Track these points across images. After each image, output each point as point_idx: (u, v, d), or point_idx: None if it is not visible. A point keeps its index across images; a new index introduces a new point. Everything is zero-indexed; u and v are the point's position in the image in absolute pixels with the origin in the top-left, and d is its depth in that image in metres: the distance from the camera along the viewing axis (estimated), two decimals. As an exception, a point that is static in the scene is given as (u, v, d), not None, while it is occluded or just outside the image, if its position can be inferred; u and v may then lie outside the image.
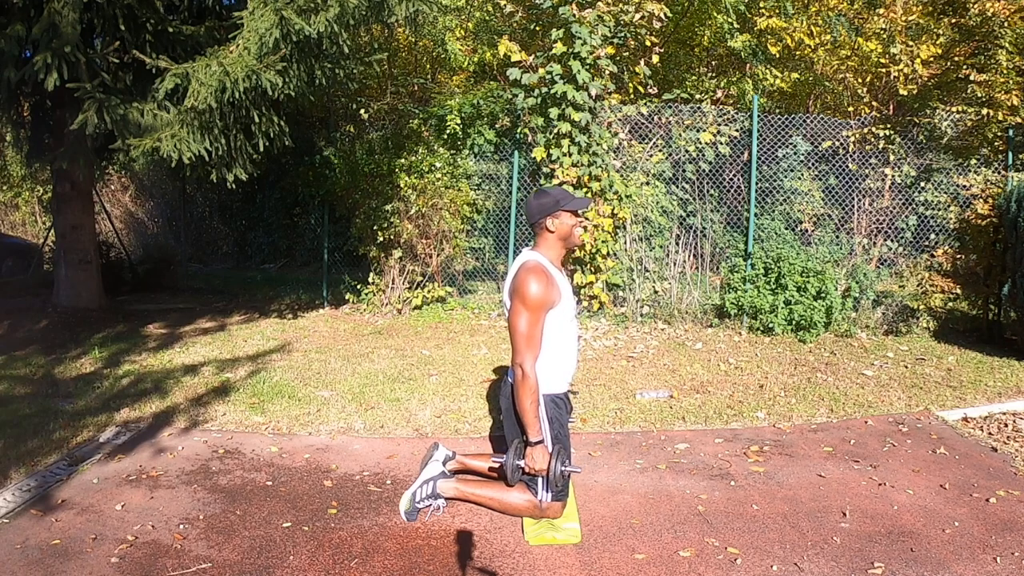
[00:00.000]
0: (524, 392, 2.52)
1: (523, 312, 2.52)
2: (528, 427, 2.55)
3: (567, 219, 2.70)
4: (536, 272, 2.58)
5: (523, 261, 2.67)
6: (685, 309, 6.51)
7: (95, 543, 2.55)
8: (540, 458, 2.56)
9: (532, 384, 2.53)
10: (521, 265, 2.65)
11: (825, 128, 7.41)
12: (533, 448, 2.56)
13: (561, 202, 2.68)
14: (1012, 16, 7.34)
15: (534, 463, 2.57)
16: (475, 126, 7.51)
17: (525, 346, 2.52)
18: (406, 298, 7.02)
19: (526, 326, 2.52)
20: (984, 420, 4.07)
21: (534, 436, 2.56)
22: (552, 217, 2.68)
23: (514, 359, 2.54)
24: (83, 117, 4.92)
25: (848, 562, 2.49)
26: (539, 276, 2.56)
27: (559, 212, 2.68)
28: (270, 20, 4.85)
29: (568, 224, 2.70)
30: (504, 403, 2.79)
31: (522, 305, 2.53)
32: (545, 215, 2.68)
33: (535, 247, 2.76)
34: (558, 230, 2.69)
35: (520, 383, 2.51)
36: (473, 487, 2.85)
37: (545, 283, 2.56)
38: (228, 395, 4.34)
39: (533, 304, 2.53)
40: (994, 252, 5.91)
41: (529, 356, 2.53)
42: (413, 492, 2.81)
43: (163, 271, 8.94)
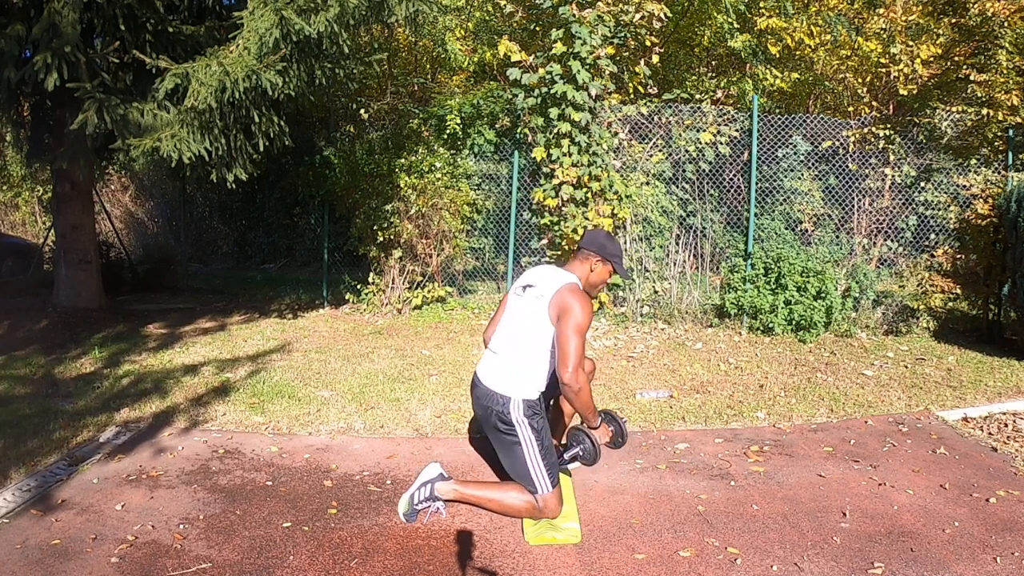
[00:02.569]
0: (587, 399, 2.73)
1: (576, 324, 2.66)
2: (592, 419, 2.83)
3: (607, 273, 2.95)
4: (582, 292, 2.78)
5: (564, 282, 2.79)
6: (685, 309, 6.51)
7: (95, 543, 2.55)
8: (604, 434, 2.91)
9: (588, 391, 2.74)
10: (564, 285, 2.77)
11: (825, 128, 7.41)
12: (598, 430, 2.86)
13: (615, 259, 2.93)
14: (1012, 16, 7.34)
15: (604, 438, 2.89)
16: (475, 126, 7.50)
17: (578, 354, 2.64)
18: (406, 298, 7.02)
19: (579, 337, 2.66)
20: (984, 420, 4.07)
21: (595, 421, 2.85)
22: (602, 262, 2.92)
23: (568, 368, 2.63)
24: (83, 117, 4.92)
25: (848, 562, 2.49)
26: (584, 296, 2.76)
27: (609, 264, 2.93)
28: (270, 20, 4.85)
29: (604, 276, 2.95)
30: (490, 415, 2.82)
31: (576, 320, 2.67)
32: (600, 255, 2.91)
33: (570, 268, 2.93)
34: (596, 274, 2.93)
35: (580, 392, 2.67)
36: (472, 488, 2.85)
37: (590, 303, 2.77)
38: (228, 395, 4.34)
39: (584, 318, 2.69)
40: (994, 252, 5.91)
41: (580, 363, 2.66)
42: (411, 494, 2.82)
43: (163, 271, 8.94)
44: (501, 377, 2.81)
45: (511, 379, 2.80)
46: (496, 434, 2.83)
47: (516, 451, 2.76)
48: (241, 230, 12.45)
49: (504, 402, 2.77)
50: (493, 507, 2.81)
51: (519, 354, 2.80)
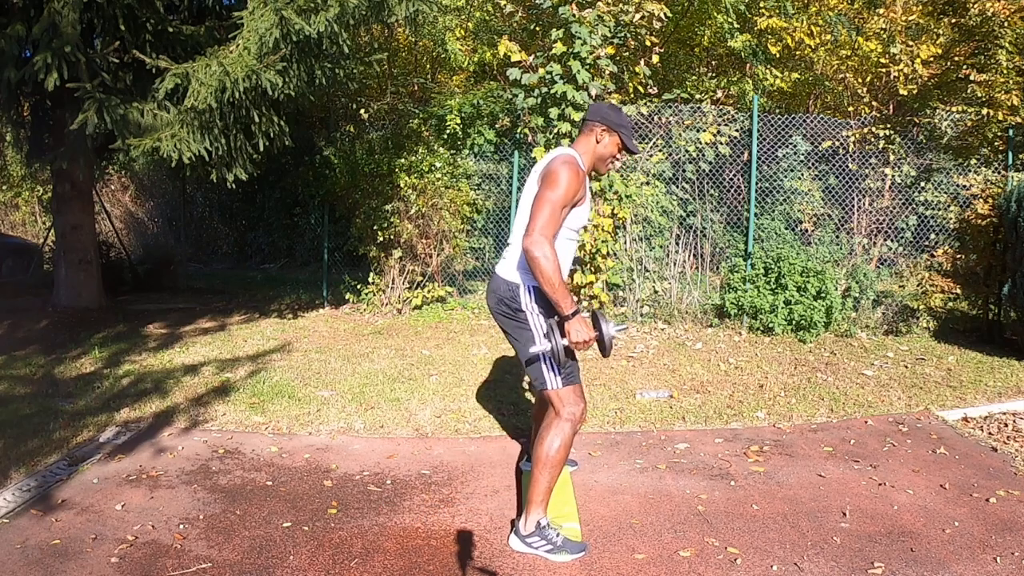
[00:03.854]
0: (549, 263, 2.36)
1: (555, 191, 2.43)
2: (561, 301, 2.40)
3: (614, 145, 2.66)
4: (573, 164, 2.51)
5: (560, 152, 2.59)
6: (685, 309, 6.51)
7: (95, 543, 2.55)
8: (583, 328, 2.42)
9: (554, 255, 2.38)
10: (557, 155, 2.56)
11: (825, 128, 7.41)
12: (573, 320, 2.41)
13: (623, 129, 2.64)
14: (1012, 16, 7.34)
15: (580, 334, 2.41)
16: (475, 126, 7.51)
17: (547, 222, 2.40)
18: (406, 298, 7.02)
19: (552, 207, 2.41)
20: (984, 420, 4.07)
21: (569, 308, 2.41)
22: (607, 131, 2.64)
23: (532, 232, 2.38)
24: (83, 117, 4.92)
25: (848, 562, 2.49)
26: (575, 168, 2.49)
27: (615, 133, 2.64)
28: (270, 20, 4.85)
29: (612, 148, 2.66)
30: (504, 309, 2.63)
31: (555, 186, 2.44)
32: (604, 123, 2.63)
33: (574, 144, 2.69)
34: (602, 145, 2.65)
35: (543, 255, 2.35)
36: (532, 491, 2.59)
37: (580, 176, 2.50)
38: (228, 395, 4.34)
39: (566, 188, 2.44)
40: (994, 252, 5.91)
41: (549, 232, 2.41)
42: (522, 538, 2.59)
43: (163, 271, 8.94)
44: (511, 265, 2.65)
45: (519, 265, 2.61)
46: (508, 323, 2.64)
47: (528, 337, 2.57)
48: (241, 230, 12.44)
49: (513, 288, 2.61)
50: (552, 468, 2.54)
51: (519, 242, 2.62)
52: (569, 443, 2.55)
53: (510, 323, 2.64)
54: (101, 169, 8.59)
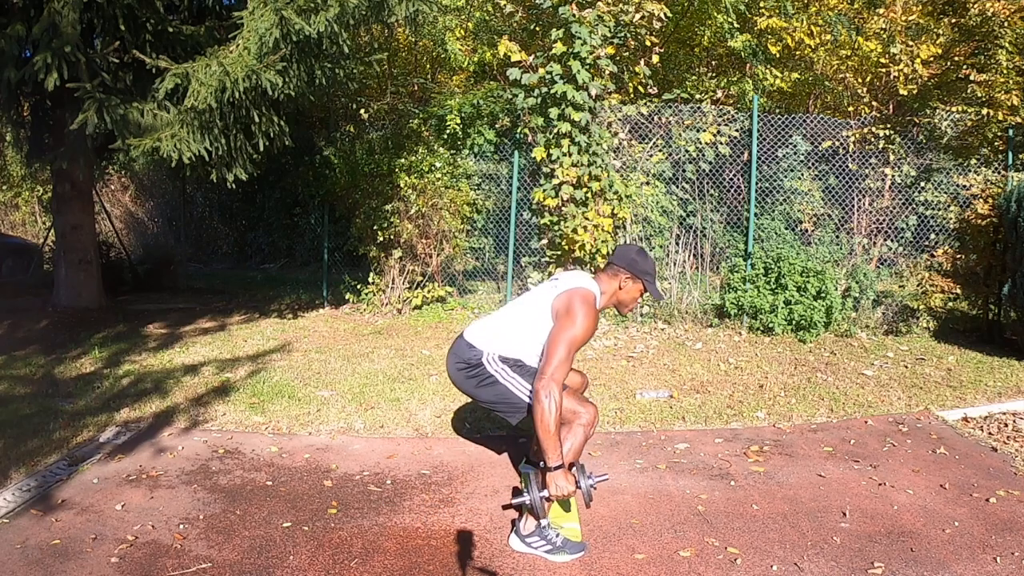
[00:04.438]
0: (552, 412, 2.36)
1: (571, 334, 2.47)
2: (550, 451, 2.37)
3: (637, 291, 2.74)
4: (592, 305, 2.57)
5: (585, 284, 2.62)
6: (685, 309, 6.51)
7: (95, 543, 2.55)
8: (564, 482, 2.38)
9: (559, 404, 2.40)
10: (579, 288, 2.60)
11: (825, 128, 7.41)
12: (554, 474, 2.37)
13: (647, 277, 2.71)
14: (1012, 16, 7.34)
15: (561, 490, 2.38)
16: (475, 126, 7.51)
17: (561, 366, 2.43)
18: (406, 298, 7.02)
19: (568, 348, 2.46)
20: (984, 420, 4.07)
21: (555, 460, 2.37)
22: (632, 279, 2.71)
23: (545, 376, 2.40)
24: (83, 117, 4.92)
25: (848, 562, 2.49)
26: (593, 310, 2.56)
27: (640, 281, 2.72)
28: (270, 20, 4.85)
29: (634, 294, 2.74)
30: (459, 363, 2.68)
31: (572, 328, 2.48)
32: (630, 272, 2.70)
33: (597, 279, 2.73)
34: (625, 291, 2.73)
35: (549, 403, 2.37)
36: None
37: (596, 319, 2.57)
38: (228, 395, 4.34)
39: (583, 332, 2.50)
40: (994, 252, 5.91)
41: (561, 377, 2.42)
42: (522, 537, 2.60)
43: (163, 271, 8.94)
44: (480, 334, 2.70)
45: (489, 337, 2.67)
46: (468, 382, 2.67)
47: (495, 387, 2.61)
48: (241, 230, 12.45)
49: (476, 350, 2.65)
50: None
51: (509, 326, 2.69)
52: (579, 448, 2.56)
53: (470, 381, 2.67)
54: (101, 169, 8.58)
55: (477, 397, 2.72)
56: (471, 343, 2.69)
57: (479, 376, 2.65)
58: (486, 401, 2.69)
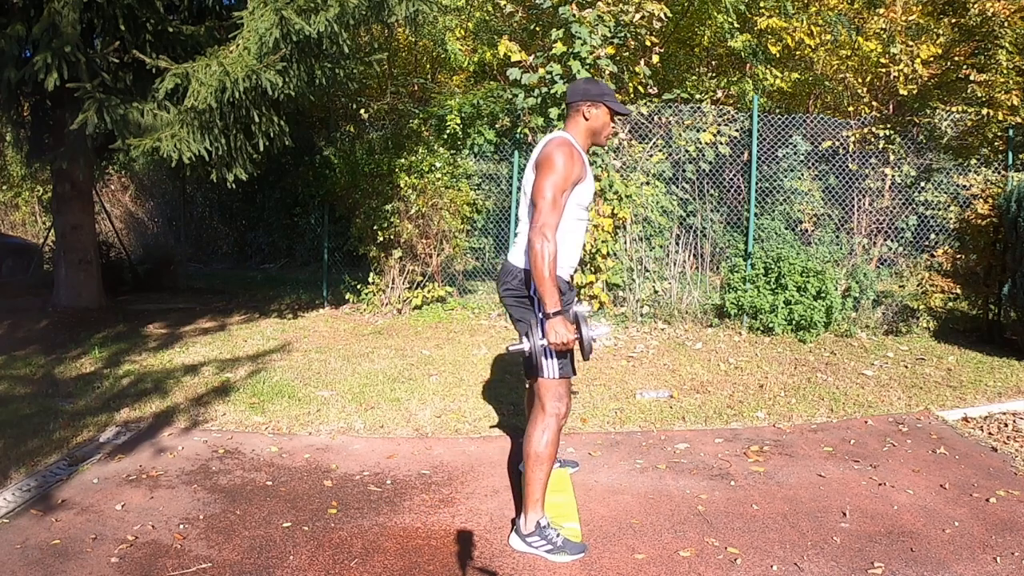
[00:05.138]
0: (545, 259, 2.35)
1: (552, 178, 2.42)
2: (546, 297, 2.36)
3: (604, 115, 2.65)
4: (567, 145, 2.50)
5: (551, 137, 2.58)
6: (685, 309, 6.51)
7: (95, 543, 2.55)
8: (563, 329, 2.37)
9: (553, 251, 2.37)
10: (550, 140, 2.56)
11: (825, 128, 7.41)
12: (553, 320, 2.36)
13: (606, 96, 2.63)
14: (1012, 16, 7.34)
15: (560, 336, 2.36)
16: (475, 126, 7.50)
17: (550, 212, 2.40)
18: (406, 298, 7.02)
19: (553, 192, 2.41)
20: (984, 420, 4.07)
21: (553, 307, 2.36)
22: (592, 105, 2.62)
23: (536, 225, 2.39)
24: (83, 117, 4.92)
25: (848, 562, 2.49)
26: (570, 149, 2.49)
27: (600, 104, 2.63)
28: (270, 20, 4.85)
29: (604, 118, 2.65)
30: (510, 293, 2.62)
31: (551, 172, 2.43)
32: (586, 100, 2.62)
33: (564, 127, 2.68)
34: (593, 120, 2.64)
35: (542, 249, 2.35)
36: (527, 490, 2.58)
37: (575, 157, 2.50)
38: (228, 395, 4.34)
39: (563, 172, 2.43)
40: (994, 252, 5.91)
41: (552, 222, 2.40)
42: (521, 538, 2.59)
43: (163, 271, 8.94)
44: (519, 252, 2.64)
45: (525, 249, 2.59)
46: (515, 308, 2.63)
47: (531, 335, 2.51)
48: (241, 230, 12.44)
49: (522, 275, 2.59)
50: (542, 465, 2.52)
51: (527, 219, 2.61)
52: (556, 438, 2.54)
53: (518, 309, 2.63)
54: (101, 169, 8.58)
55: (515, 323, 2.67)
56: (514, 263, 2.64)
57: (523, 306, 2.60)
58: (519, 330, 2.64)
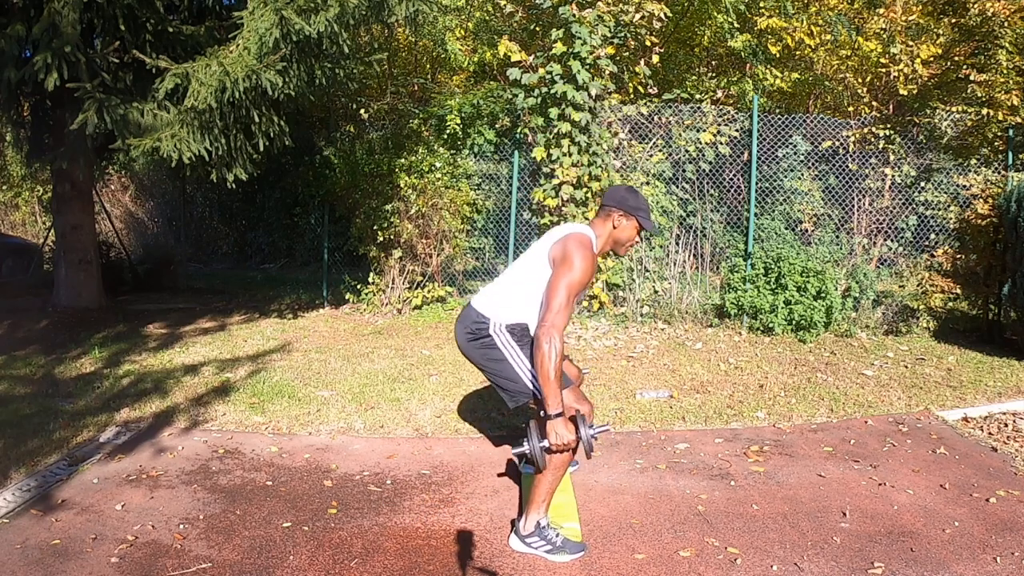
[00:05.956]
0: (552, 359, 2.33)
1: (569, 279, 2.44)
2: (549, 398, 2.35)
3: (633, 229, 2.68)
4: (589, 248, 2.53)
5: (578, 230, 2.60)
6: (685, 309, 6.51)
7: (95, 543, 2.55)
8: (564, 431, 2.36)
9: (560, 351, 2.37)
10: (574, 233, 2.57)
11: (825, 128, 7.41)
12: (554, 421, 2.35)
13: (640, 212, 2.66)
14: (1012, 16, 7.34)
15: (561, 438, 2.35)
16: (475, 126, 7.50)
17: (561, 312, 2.40)
18: (406, 298, 7.02)
19: (568, 294, 2.42)
20: (984, 420, 4.07)
21: (555, 408, 2.35)
22: (625, 215, 2.65)
23: (545, 323, 2.38)
24: (83, 117, 4.92)
25: (848, 562, 2.49)
26: (591, 254, 2.52)
27: (633, 217, 2.66)
28: (270, 20, 4.85)
29: (630, 232, 2.69)
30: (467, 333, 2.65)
31: (570, 272, 2.45)
32: (621, 208, 2.65)
33: (591, 224, 2.70)
34: (620, 230, 2.67)
35: (549, 350, 2.34)
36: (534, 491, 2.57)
37: (594, 262, 2.54)
38: (228, 395, 4.34)
39: (581, 277, 2.46)
40: (994, 252, 5.91)
41: (561, 323, 2.39)
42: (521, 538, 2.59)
43: (163, 271, 8.94)
44: (486, 301, 2.67)
45: (496, 304, 2.64)
46: (477, 352, 2.64)
47: (502, 364, 2.59)
48: (241, 230, 12.44)
49: (483, 319, 2.63)
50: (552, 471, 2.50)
51: (513, 287, 2.66)
52: (559, 475, 2.54)
53: (480, 352, 2.64)
54: (101, 169, 8.58)
55: (483, 369, 2.69)
56: (478, 310, 2.67)
57: (487, 346, 2.62)
58: (491, 373, 2.66)
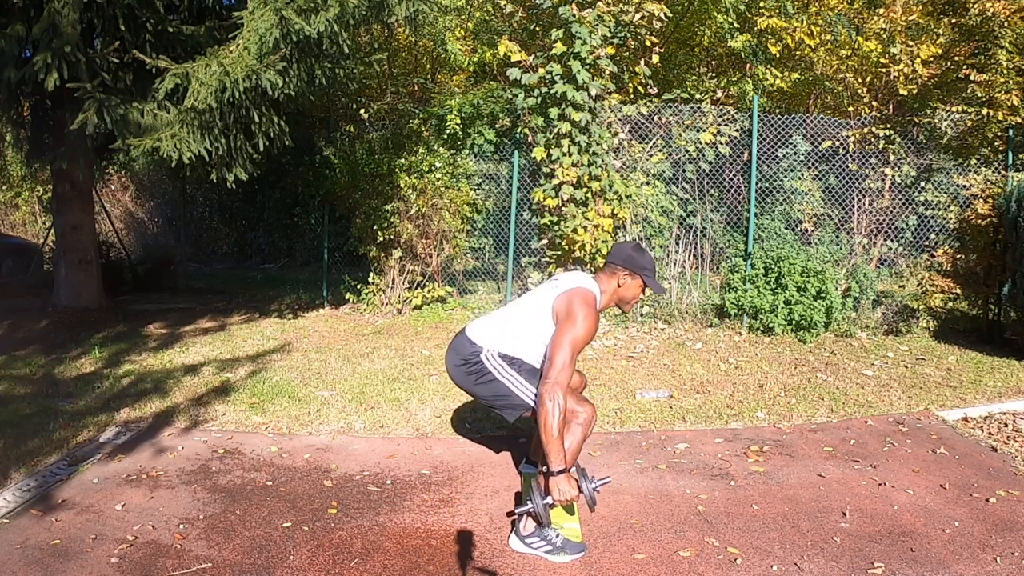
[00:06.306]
0: (555, 416, 2.36)
1: (573, 335, 2.47)
2: (553, 455, 2.36)
3: (637, 287, 2.71)
4: (592, 306, 2.56)
5: (584, 285, 2.62)
6: (685, 309, 6.51)
7: (95, 543, 2.55)
8: (567, 487, 2.38)
9: (564, 408, 2.39)
10: (578, 288, 2.59)
11: (825, 128, 7.41)
12: (558, 478, 2.37)
13: (646, 272, 2.69)
14: (1012, 16, 7.34)
15: (563, 494, 2.37)
16: (475, 126, 7.50)
17: (564, 369, 2.42)
18: (406, 298, 7.02)
19: (572, 350, 2.45)
20: (984, 420, 4.07)
21: (558, 465, 2.37)
22: (630, 275, 2.69)
23: (548, 380, 2.41)
24: (83, 117, 4.92)
25: (848, 562, 2.49)
26: (594, 311, 2.55)
27: (639, 277, 2.69)
28: (270, 20, 4.85)
29: (635, 291, 2.71)
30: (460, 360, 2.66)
31: (573, 329, 2.47)
32: (628, 268, 2.68)
33: (596, 279, 2.72)
34: (625, 288, 2.70)
35: (553, 408, 2.37)
36: None
37: (597, 320, 2.56)
38: (228, 395, 4.34)
39: (584, 334, 2.49)
40: (994, 252, 5.91)
41: (564, 380, 2.42)
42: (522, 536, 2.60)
43: (163, 271, 8.94)
44: (480, 331, 2.69)
45: (490, 334, 2.66)
46: (467, 380, 2.66)
47: (494, 384, 2.60)
48: (241, 230, 12.45)
49: (476, 350, 2.64)
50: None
51: (510, 324, 2.67)
52: (578, 447, 2.56)
53: (469, 378, 2.66)
54: (101, 169, 8.59)
55: (475, 394, 2.72)
56: (472, 340, 2.68)
57: (478, 372, 2.64)
58: (484, 398, 2.69)
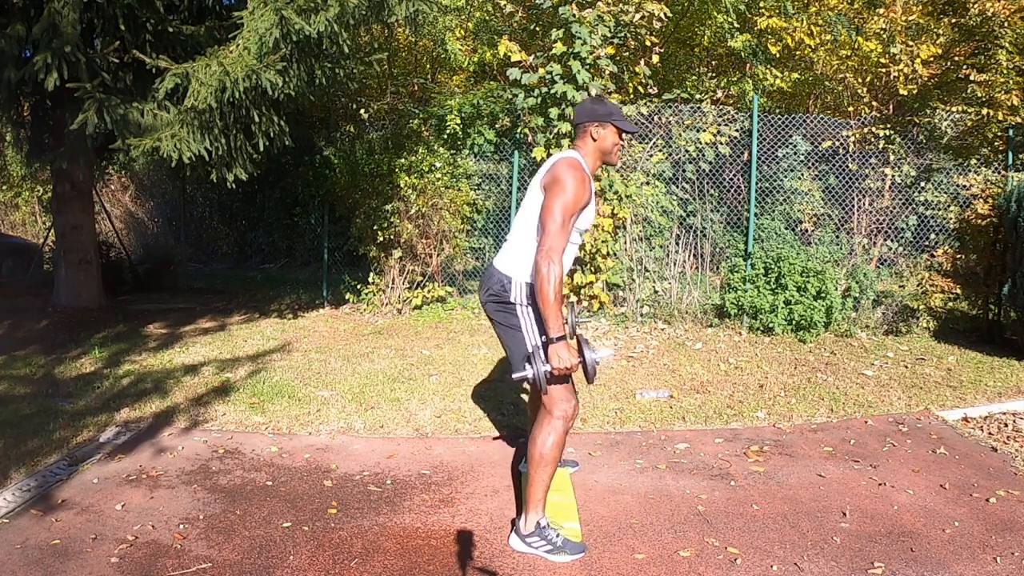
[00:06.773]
0: (551, 282, 2.33)
1: (562, 200, 2.42)
2: (551, 321, 2.34)
3: (612, 135, 2.64)
4: (578, 168, 2.50)
5: (563, 155, 2.56)
6: (685, 309, 6.50)
7: (95, 543, 2.55)
8: (566, 354, 2.36)
9: (560, 274, 2.36)
10: (561, 158, 2.54)
11: (825, 128, 7.41)
12: (556, 345, 2.35)
13: (614, 116, 2.62)
14: (1012, 16, 7.34)
15: (563, 361, 2.35)
16: (475, 126, 7.50)
17: (558, 234, 2.38)
18: (406, 298, 7.02)
19: (563, 214, 2.40)
20: (984, 420, 4.07)
21: (556, 331, 2.35)
22: (599, 126, 2.62)
23: (543, 247, 2.37)
24: (83, 117, 4.92)
25: (848, 562, 2.49)
26: (581, 173, 2.49)
27: (608, 124, 2.62)
28: (270, 20, 4.85)
29: (612, 139, 2.64)
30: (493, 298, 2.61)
31: (562, 193, 2.42)
32: (593, 121, 2.62)
33: (573, 146, 2.68)
34: (600, 140, 2.63)
35: (548, 272, 2.33)
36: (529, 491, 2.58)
37: (585, 181, 2.51)
38: (228, 395, 4.34)
39: (573, 196, 2.43)
40: (994, 252, 5.91)
41: (560, 246, 2.39)
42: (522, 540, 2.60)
43: (163, 271, 8.94)
44: (506, 258, 2.64)
45: (514, 260, 2.60)
46: (497, 313, 2.63)
47: (517, 336, 2.56)
48: (241, 230, 12.44)
49: (505, 281, 2.58)
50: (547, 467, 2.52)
51: (523, 235, 2.61)
52: (562, 441, 2.54)
53: (500, 314, 2.63)
54: (101, 169, 8.58)
55: (497, 331, 2.68)
56: (500, 269, 2.63)
57: (507, 311, 2.59)
58: (503, 337, 2.66)
